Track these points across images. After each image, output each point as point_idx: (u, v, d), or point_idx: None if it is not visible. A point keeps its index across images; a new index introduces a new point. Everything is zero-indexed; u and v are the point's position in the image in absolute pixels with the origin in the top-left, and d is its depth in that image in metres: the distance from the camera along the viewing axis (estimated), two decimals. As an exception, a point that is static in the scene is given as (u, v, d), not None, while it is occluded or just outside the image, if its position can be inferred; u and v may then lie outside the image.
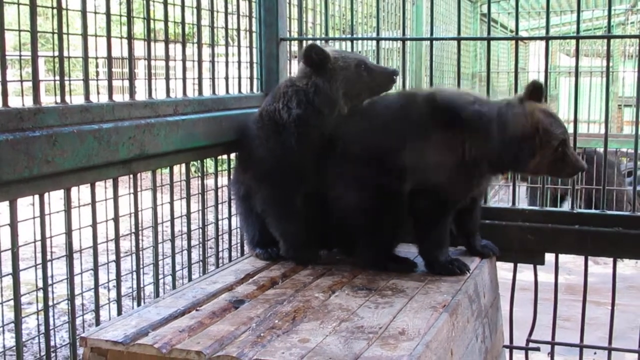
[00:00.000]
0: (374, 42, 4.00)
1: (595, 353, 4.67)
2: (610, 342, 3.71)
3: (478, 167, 3.07)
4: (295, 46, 4.10)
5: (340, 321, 2.45)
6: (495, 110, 3.02)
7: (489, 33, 3.87)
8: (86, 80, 2.68)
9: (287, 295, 2.73)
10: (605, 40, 3.67)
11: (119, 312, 2.85)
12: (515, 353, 3.84)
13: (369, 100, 3.27)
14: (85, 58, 2.68)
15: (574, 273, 6.95)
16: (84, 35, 2.66)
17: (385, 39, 5.52)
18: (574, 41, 3.75)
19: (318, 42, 3.49)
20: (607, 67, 3.72)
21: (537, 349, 3.78)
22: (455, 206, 3.18)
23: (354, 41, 4.10)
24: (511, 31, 12.02)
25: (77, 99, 2.70)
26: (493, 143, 2.98)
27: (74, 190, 2.63)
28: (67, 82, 2.60)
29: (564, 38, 13.66)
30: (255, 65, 3.87)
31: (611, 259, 3.63)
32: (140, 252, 3.03)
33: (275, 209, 3.23)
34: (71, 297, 2.67)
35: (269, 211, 3.24)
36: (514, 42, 3.91)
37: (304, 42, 4.12)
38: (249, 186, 3.30)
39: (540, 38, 3.85)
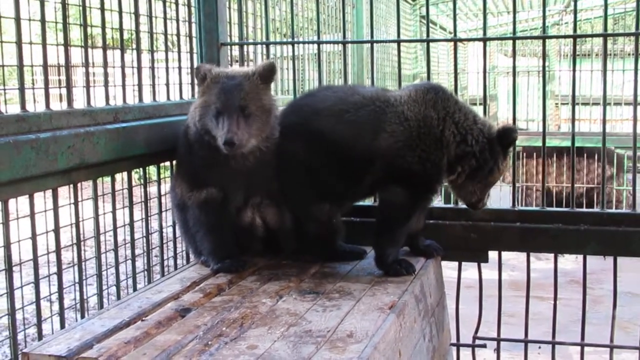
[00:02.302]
0: (315, 45, 4.01)
1: (539, 347, 4.77)
2: (553, 336, 3.79)
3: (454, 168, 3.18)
4: (236, 51, 4.08)
5: (288, 326, 2.44)
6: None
7: (428, 35, 3.92)
8: (22, 89, 2.62)
9: (234, 302, 2.71)
10: (541, 41, 3.75)
11: (62, 326, 2.79)
12: (462, 350, 3.89)
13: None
14: (21, 66, 2.61)
15: (517, 269, 7.09)
16: (19, 43, 2.59)
17: (326, 42, 5.55)
18: (511, 42, 3.81)
19: (259, 47, 3.48)
20: (544, 66, 3.80)
21: (484, 346, 3.84)
22: (423, 207, 3.27)
23: (295, 45, 4.10)
24: (450, 33, 12.19)
25: (13, 108, 2.63)
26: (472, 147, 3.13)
27: (11, 202, 2.57)
28: (2, 91, 2.54)
29: (501, 39, 13.92)
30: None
31: (552, 255, 3.71)
32: (83, 263, 2.97)
33: (201, 226, 3.14)
34: (12, 312, 2.60)
35: (197, 228, 3.16)
36: (452, 43, 3.95)
37: (245, 46, 4.11)
38: (182, 198, 3.22)
39: (478, 39, 3.91)
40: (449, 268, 3.70)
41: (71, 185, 2.84)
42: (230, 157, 2.98)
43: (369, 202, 3.69)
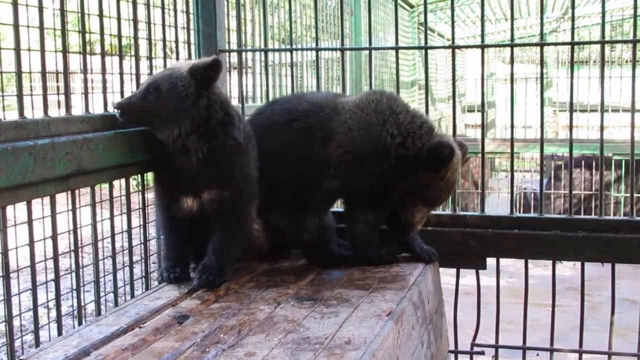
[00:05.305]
0: (314, 52, 4.02)
1: (537, 354, 4.77)
2: (552, 343, 3.78)
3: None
4: (234, 57, 4.08)
5: (286, 333, 2.43)
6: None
7: (426, 42, 3.93)
8: (20, 95, 2.61)
9: (232, 309, 2.71)
10: (539, 47, 3.76)
11: (60, 332, 2.78)
12: (460, 357, 3.89)
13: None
14: (19, 73, 2.61)
15: (515, 276, 7.09)
16: (17, 50, 2.59)
17: (325, 49, 5.55)
18: (509, 49, 3.83)
19: (257, 54, 3.48)
20: (542, 73, 3.81)
21: (482, 353, 3.84)
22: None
23: (294, 52, 4.10)
24: (448, 40, 12.22)
25: (11, 115, 2.63)
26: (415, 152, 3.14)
27: (9, 208, 2.56)
28: (0, 98, 2.54)
29: (499, 46, 13.93)
30: (194, 77, 3.83)
31: (550, 261, 3.71)
32: (81, 270, 2.96)
33: (162, 232, 3.16)
34: (9, 319, 2.59)
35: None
36: (451, 50, 3.96)
37: (243, 53, 4.11)
38: None
39: (476, 46, 3.91)
40: (447, 275, 3.70)
41: (69, 192, 2.83)
42: (172, 153, 2.93)
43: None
